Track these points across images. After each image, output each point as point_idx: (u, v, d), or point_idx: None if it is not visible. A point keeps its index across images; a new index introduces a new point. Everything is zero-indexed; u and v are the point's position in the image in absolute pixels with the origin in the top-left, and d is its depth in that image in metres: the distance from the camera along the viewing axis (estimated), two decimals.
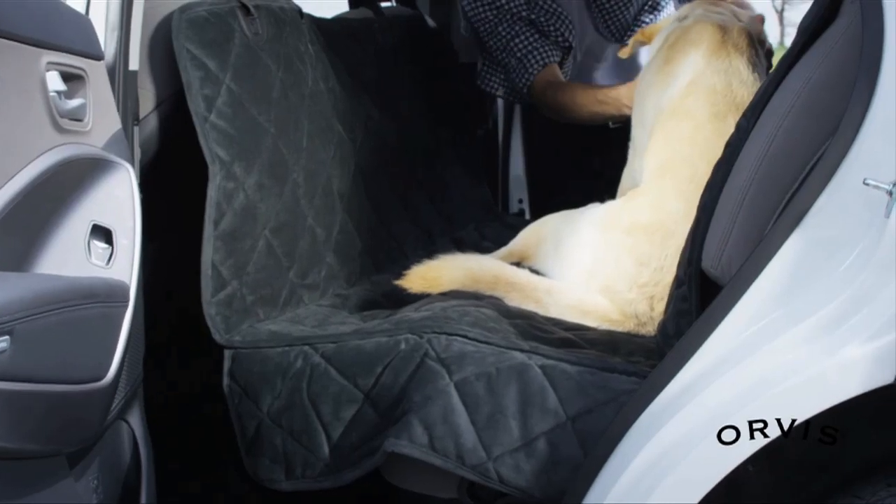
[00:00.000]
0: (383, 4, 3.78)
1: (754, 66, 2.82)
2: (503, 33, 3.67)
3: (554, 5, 3.70)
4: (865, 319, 1.82)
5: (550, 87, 3.61)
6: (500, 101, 4.31)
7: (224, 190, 2.52)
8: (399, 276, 3.01)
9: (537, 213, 4.25)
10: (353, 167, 3.09)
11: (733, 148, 2.21)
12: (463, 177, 3.87)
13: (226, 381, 2.52)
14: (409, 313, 2.61)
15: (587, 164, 3.85)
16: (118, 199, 1.98)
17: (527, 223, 3.92)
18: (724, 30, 2.87)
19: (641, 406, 2.01)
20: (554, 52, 3.68)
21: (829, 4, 2.13)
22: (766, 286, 1.94)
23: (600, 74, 4.01)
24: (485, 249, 3.48)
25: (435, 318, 2.48)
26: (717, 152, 2.63)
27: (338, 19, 3.44)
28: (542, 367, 2.29)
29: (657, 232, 2.73)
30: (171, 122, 2.55)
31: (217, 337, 2.53)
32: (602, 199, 3.13)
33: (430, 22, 4.04)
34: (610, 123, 3.60)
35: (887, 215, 1.83)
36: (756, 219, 2.07)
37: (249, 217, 2.59)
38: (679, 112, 2.81)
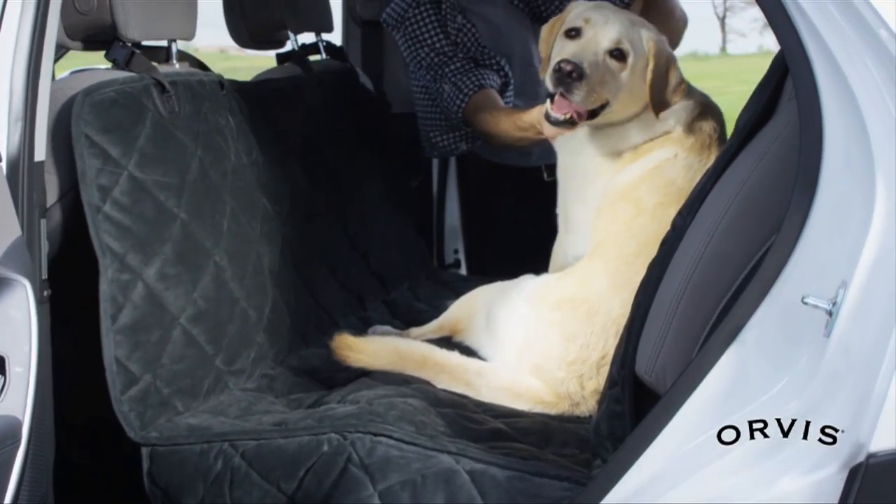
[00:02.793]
0: (312, 58, 3.60)
1: None
2: (437, 62, 3.52)
3: (484, 49, 3.55)
4: (804, 449, 1.69)
5: (480, 112, 3.42)
6: None
7: (118, 282, 2.34)
8: (327, 349, 2.85)
9: (473, 263, 4.12)
10: (280, 241, 2.90)
11: (668, 247, 2.07)
12: (397, 232, 3.70)
13: (146, 483, 2.35)
14: (333, 405, 2.44)
15: (523, 213, 3.70)
16: (13, 320, 1.78)
17: (461, 278, 3.79)
18: (715, 131, 2.73)
19: None
20: (490, 77, 3.52)
21: (767, 102, 2.00)
22: (700, 403, 1.80)
23: None
24: (418, 313, 3.33)
25: (360, 415, 2.31)
26: (648, 236, 2.53)
27: (264, 81, 3.24)
28: (470, 472, 2.14)
29: (582, 307, 2.61)
30: (80, 211, 2.36)
31: (131, 434, 2.35)
32: (538, 250, 3.00)
33: (362, 75, 3.86)
34: (545, 175, 3.45)
35: (827, 335, 1.69)
36: (691, 325, 1.93)
37: (155, 308, 2.40)
38: (629, 196, 2.65)
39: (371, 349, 2.67)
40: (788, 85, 1.98)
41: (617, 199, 2.68)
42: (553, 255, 2.94)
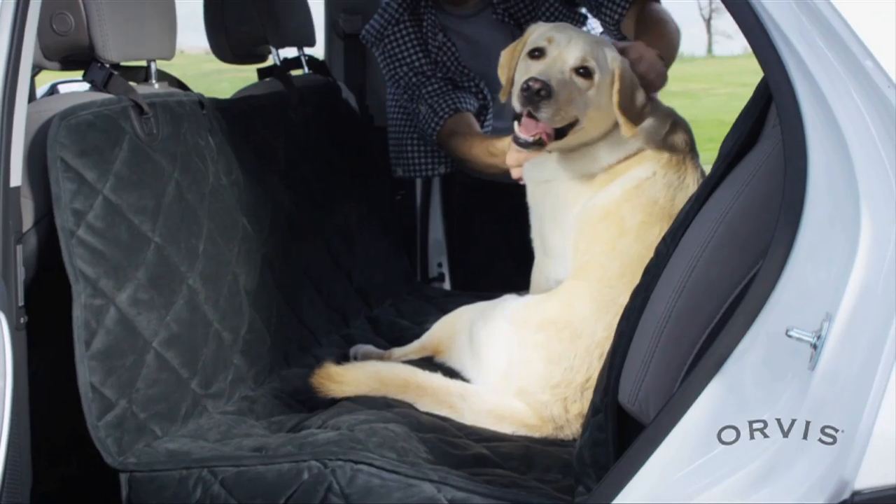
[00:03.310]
0: (295, 72, 3.56)
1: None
2: (415, 82, 3.48)
3: (464, 69, 3.52)
4: (789, 484, 1.66)
5: (454, 136, 3.39)
6: None
7: (91, 308, 2.29)
8: (310, 369, 2.82)
9: (457, 277, 4.09)
10: (260, 260, 2.86)
11: (652, 275, 2.04)
12: (380, 248, 3.66)
13: None
14: (314, 430, 2.40)
15: (506, 227, 3.67)
16: None
17: (445, 294, 3.76)
18: (688, 144, 2.70)
19: None
20: (467, 101, 3.49)
21: (751, 128, 1.98)
22: (684, 435, 1.78)
23: None
24: (401, 330, 3.30)
25: (341, 442, 2.28)
26: (631, 257, 2.51)
27: (245, 98, 3.19)
28: (451, 501, 2.12)
29: (565, 329, 2.58)
30: (56, 235, 2.31)
31: (109, 460, 2.30)
32: (522, 264, 2.97)
33: (344, 89, 3.82)
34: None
35: (812, 368, 1.67)
36: (674, 355, 1.91)
37: (128, 333, 2.36)
38: (612, 216, 2.61)
39: (352, 377, 2.63)
40: (773, 112, 1.96)
41: (599, 219, 2.64)
42: (533, 280, 2.90)
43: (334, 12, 4.15)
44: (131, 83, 2.57)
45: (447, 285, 4.09)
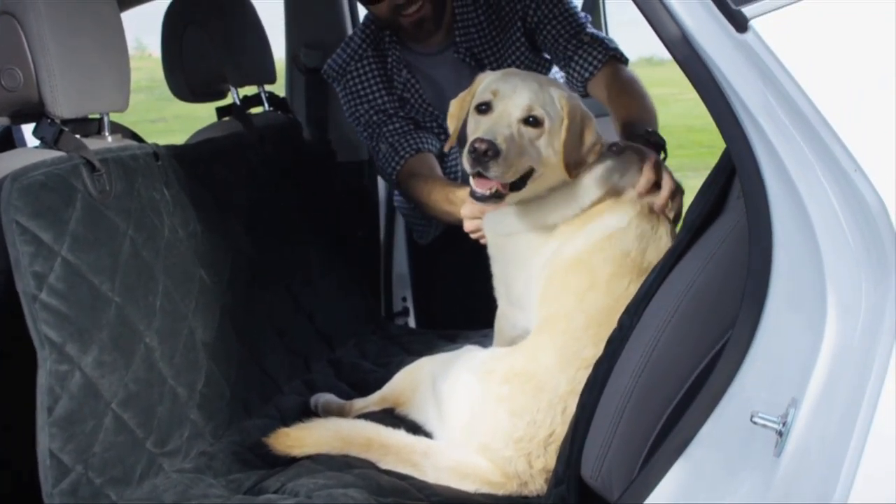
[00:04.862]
0: (255, 110, 3.48)
1: (674, 232, 2.59)
2: (376, 120, 3.41)
3: (427, 107, 3.45)
4: None
5: (414, 178, 3.30)
6: (381, 199, 4.06)
7: (56, 374, 2.21)
8: (270, 419, 2.78)
9: (421, 312, 4.03)
10: (218, 311, 2.78)
11: (615, 347, 1.98)
12: (343, 286, 3.58)
13: None
14: (271, 496, 2.33)
15: (471, 262, 3.60)
16: None
17: (409, 332, 3.70)
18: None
19: None
20: (429, 141, 3.41)
21: (716, 198, 1.92)
22: None
23: None
24: (364, 373, 3.23)
25: None
26: (598, 310, 2.45)
27: (202, 143, 3.09)
28: None
29: (529, 382, 2.50)
30: (12, 295, 2.23)
31: None
32: (486, 299, 2.90)
33: (305, 128, 3.74)
34: None
35: (777, 454, 1.61)
36: (637, 432, 1.85)
37: (90, 396, 2.28)
38: (582, 267, 2.53)
39: (313, 438, 2.55)
40: (738, 182, 1.90)
41: (568, 269, 2.57)
42: (497, 328, 2.84)
43: (295, 46, 4.07)
44: (84, 137, 2.49)
45: (412, 320, 4.03)
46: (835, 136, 1.55)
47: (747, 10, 1.59)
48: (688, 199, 2.26)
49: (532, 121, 2.50)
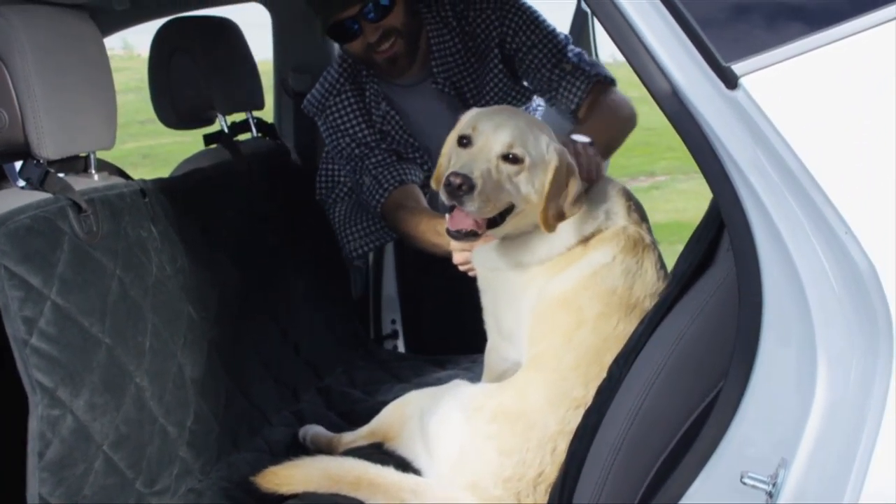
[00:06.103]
0: (243, 136, 3.45)
1: (660, 265, 2.58)
2: (358, 153, 3.39)
3: (409, 138, 3.43)
4: None
5: (400, 210, 3.27)
6: None
7: (48, 419, 2.18)
8: (259, 453, 2.77)
9: (410, 334, 4.01)
10: (206, 346, 2.75)
11: (605, 397, 1.97)
12: (330, 312, 3.56)
13: None
14: None
15: (460, 286, 3.58)
16: None
17: (398, 357, 3.67)
18: (639, 220, 2.62)
19: None
20: (413, 172, 3.38)
21: (706, 251, 1.90)
22: None
23: None
24: (353, 402, 3.21)
25: None
26: (587, 349, 2.44)
27: (190, 174, 3.06)
28: None
29: (519, 421, 2.48)
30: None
31: None
32: (475, 322, 2.88)
33: (293, 153, 3.71)
34: None
35: None
36: (625, 485, 1.84)
37: (81, 440, 2.25)
38: (570, 305, 2.52)
39: (301, 477, 2.53)
40: (727, 235, 1.89)
41: (556, 307, 2.55)
42: (487, 360, 2.82)
43: (283, 70, 4.04)
44: (70, 175, 2.46)
45: (401, 343, 4.01)
46: (825, 197, 1.54)
47: (737, 67, 1.58)
48: (682, 227, 2.25)
49: (512, 157, 2.48)
